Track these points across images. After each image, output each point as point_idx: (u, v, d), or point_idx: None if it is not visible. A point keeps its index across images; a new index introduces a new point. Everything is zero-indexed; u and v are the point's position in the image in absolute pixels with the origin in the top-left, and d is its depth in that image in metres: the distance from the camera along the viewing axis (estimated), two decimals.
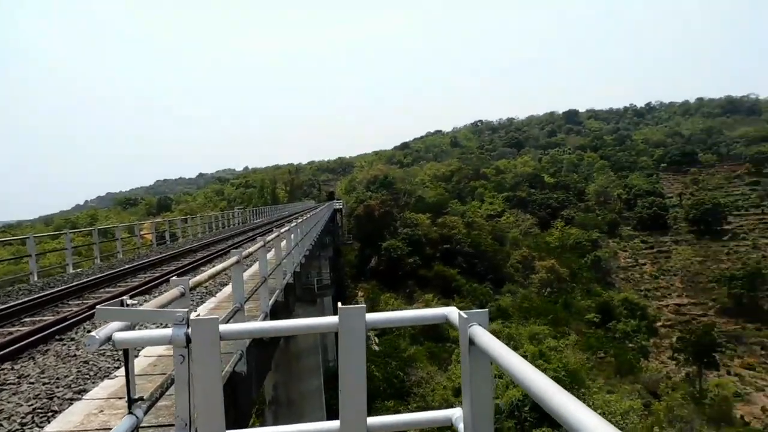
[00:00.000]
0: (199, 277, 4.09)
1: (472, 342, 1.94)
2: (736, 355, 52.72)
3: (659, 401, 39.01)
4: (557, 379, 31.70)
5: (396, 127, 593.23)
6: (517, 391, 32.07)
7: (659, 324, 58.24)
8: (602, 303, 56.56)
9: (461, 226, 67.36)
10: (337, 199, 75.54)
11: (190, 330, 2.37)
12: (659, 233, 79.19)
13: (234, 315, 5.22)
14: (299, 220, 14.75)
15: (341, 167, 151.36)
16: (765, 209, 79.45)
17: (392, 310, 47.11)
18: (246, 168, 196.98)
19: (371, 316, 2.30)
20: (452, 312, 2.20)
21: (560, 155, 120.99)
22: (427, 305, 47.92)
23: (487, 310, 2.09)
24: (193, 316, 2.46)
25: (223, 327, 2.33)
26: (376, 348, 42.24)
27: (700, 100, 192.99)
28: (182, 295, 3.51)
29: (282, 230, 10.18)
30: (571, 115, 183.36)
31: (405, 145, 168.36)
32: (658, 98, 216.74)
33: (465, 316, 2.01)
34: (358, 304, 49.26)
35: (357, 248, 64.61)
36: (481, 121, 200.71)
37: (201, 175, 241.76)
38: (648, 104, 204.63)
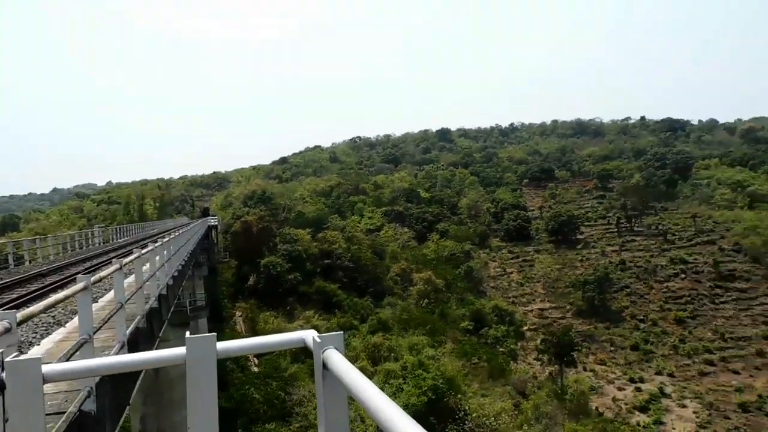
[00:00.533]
0: (32, 309, 3.59)
1: (326, 366, 1.86)
2: (590, 352, 58.23)
3: (527, 400, 41.76)
4: (436, 387, 32.86)
5: (275, 141, 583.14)
6: (398, 400, 32.63)
7: (525, 328, 62.61)
8: (475, 311, 59.60)
9: (341, 241, 67.59)
10: (213, 215, 72.20)
11: (4, 374, 2.03)
12: (524, 243, 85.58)
13: (79, 348, 4.66)
14: (166, 239, 13.81)
15: (216, 182, 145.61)
16: (610, 220, 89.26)
17: (272, 328, 45.89)
18: (109, 183, 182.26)
19: (223, 345, 2.14)
20: (309, 335, 2.11)
21: (434, 171, 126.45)
22: (307, 322, 47.34)
23: (342, 332, 2.02)
24: (16, 356, 2.12)
25: (47, 368, 2.03)
26: (256, 369, 40.81)
27: (555, 122, 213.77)
28: (7, 330, 3.05)
29: (145, 250, 9.42)
30: (444, 134, 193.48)
31: (284, 160, 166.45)
32: (520, 120, 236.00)
33: (318, 340, 1.93)
34: (236, 324, 47.16)
35: (234, 266, 62.19)
36: (359, 137, 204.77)
37: (56, 190, 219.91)
38: (511, 125, 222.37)
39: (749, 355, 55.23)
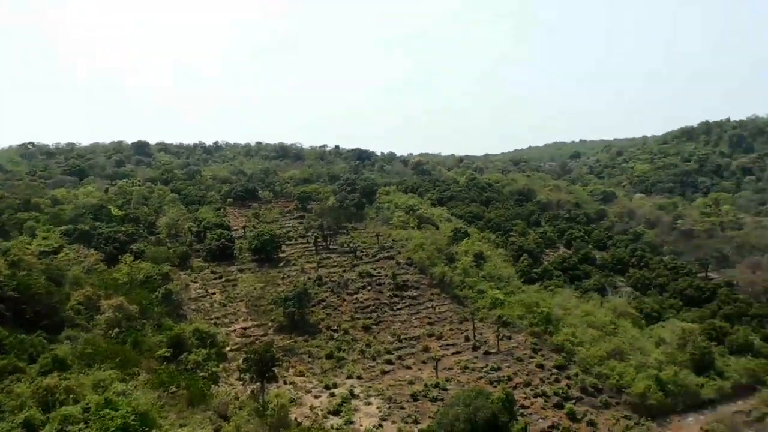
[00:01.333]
0: None
1: None
2: (291, 365, 60.53)
3: (228, 423, 40.99)
4: (126, 426, 29.58)
5: None
6: None
7: (228, 349, 61.50)
8: (173, 336, 55.82)
9: (3, 267, 55.85)
10: None
11: None
12: (227, 263, 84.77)
13: None
14: None
15: None
16: (309, 239, 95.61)
17: None
18: None
19: None
20: None
21: (130, 187, 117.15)
22: None
23: None
24: None
25: None
26: None
27: (259, 143, 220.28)
28: None
29: None
30: (141, 147, 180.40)
31: None
32: (225, 139, 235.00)
33: None
34: None
35: None
36: (32, 143, 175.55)
37: None
38: (216, 143, 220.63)
39: (418, 352, 65.47)
